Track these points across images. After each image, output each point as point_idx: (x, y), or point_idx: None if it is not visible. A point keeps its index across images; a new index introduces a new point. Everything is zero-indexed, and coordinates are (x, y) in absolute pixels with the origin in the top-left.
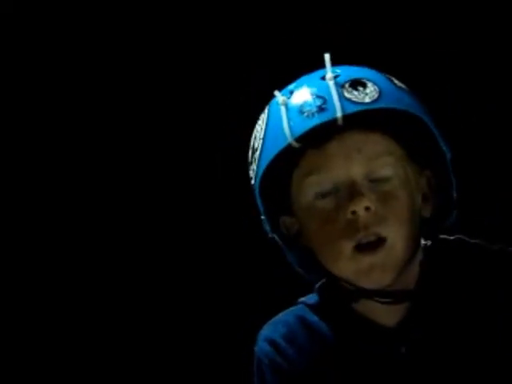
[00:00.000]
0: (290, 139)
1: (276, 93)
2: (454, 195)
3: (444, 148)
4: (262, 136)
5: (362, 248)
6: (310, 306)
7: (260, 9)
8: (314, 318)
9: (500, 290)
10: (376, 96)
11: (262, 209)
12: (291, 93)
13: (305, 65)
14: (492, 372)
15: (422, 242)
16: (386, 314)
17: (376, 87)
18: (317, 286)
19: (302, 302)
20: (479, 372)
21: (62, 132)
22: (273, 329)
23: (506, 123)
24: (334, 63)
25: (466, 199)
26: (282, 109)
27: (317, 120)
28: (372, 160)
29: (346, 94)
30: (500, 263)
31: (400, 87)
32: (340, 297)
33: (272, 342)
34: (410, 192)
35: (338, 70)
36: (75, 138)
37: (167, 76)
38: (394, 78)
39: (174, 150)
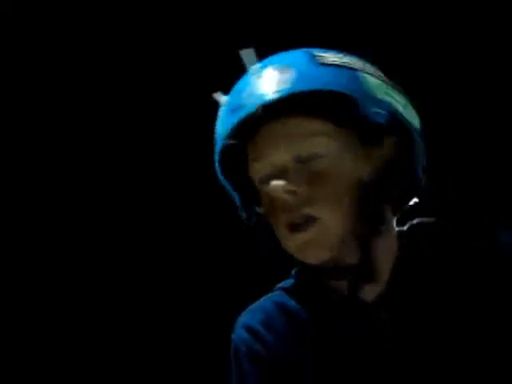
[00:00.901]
0: (221, 139)
1: (216, 95)
2: (420, 174)
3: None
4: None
5: (293, 227)
6: (287, 290)
7: (260, 9)
8: (291, 302)
9: (479, 278)
10: (292, 81)
11: (238, 202)
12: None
13: None
14: (468, 355)
15: (397, 228)
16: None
17: (293, 71)
18: (293, 271)
19: (279, 288)
20: (455, 351)
21: (61, 132)
22: (251, 316)
23: (506, 123)
24: None
25: (466, 199)
26: (221, 109)
27: (237, 117)
28: (301, 143)
29: (264, 86)
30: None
31: (325, 64)
32: (314, 276)
33: (250, 329)
34: (346, 170)
35: (260, 64)
36: (75, 137)
37: (167, 76)
38: (323, 54)
39: (173, 150)
